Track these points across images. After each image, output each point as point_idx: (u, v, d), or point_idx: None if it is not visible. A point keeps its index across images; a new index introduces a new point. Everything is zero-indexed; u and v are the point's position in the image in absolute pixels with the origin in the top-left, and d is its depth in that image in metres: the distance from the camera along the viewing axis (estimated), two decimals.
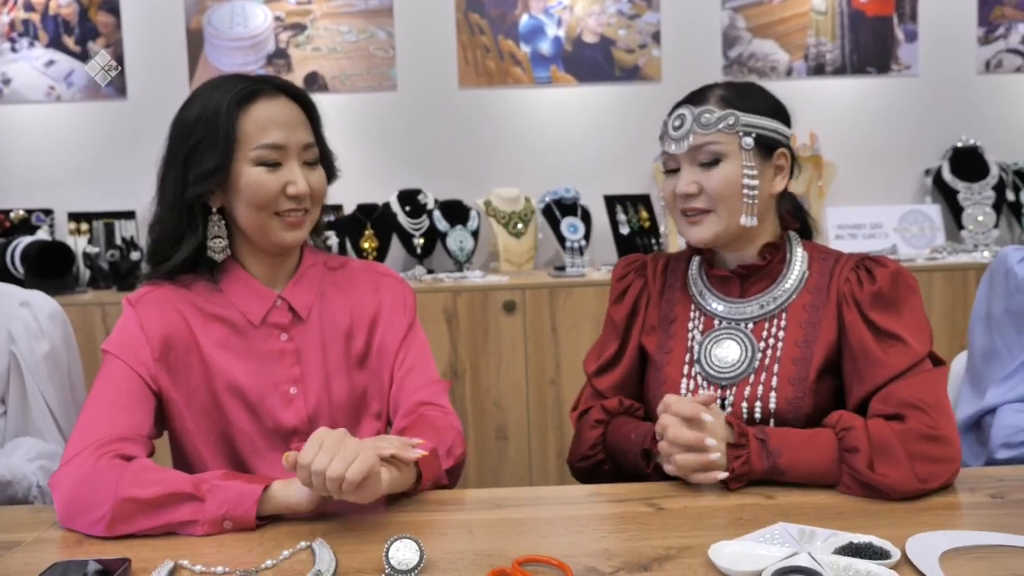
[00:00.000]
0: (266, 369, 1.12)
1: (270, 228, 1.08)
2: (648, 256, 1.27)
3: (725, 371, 1.13)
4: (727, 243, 1.14)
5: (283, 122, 1.07)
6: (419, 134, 2.80)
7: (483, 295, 2.40)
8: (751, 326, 1.14)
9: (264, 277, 1.14)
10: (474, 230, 2.68)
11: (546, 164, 2.81)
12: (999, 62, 2.89)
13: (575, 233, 2.68)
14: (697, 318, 1.18)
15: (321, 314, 1.16)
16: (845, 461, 0.98)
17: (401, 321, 1.18)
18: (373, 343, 1.17)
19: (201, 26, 2.78)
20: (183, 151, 1.07)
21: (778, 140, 1.14)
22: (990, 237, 2.71)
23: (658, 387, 1.17)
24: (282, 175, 1.07)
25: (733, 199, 1.10)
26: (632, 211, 2.73)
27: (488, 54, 2.79)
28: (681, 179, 1.13)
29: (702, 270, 1.20)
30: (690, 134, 1.11)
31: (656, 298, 1.23)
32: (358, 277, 1.20)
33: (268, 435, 1.12)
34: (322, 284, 1.17)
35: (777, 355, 1.11)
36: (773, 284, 1.15)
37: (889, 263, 1.10)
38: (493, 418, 2.41)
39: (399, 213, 2.68)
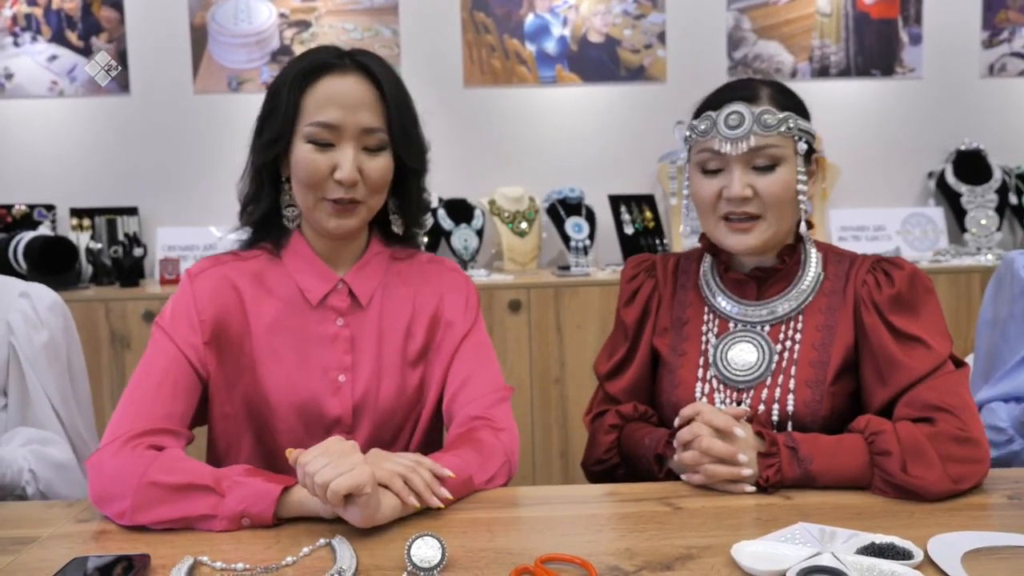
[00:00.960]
0: (317, 353, 1.09)
1: (317, 211, 1.05)
2: (657, 256, 1.25)
3: (741, 374, 1.11)
4: (765, 250, 1.12)
5: (344, 101, 1.02)
6: (424, 132, 2.78)
7: (488, 294, 2.40)
8: (767, 329, 1.12)
9: (327, 257, 1.11)
10: (478, 229, 2.68)
11: (551, 163, 2.81)
12: (1003, 66, 2.90)
13: (580, 232, 2.68)
14: (711, 320, 1.16)
15: (382, 304, 1.12)
16: (877, 464, 0.97)
17: (462, 322, 1.13)
18: (432, 342, 1.13)
19: (205, 22, 2.77)
20: (261, 117, 1.08)
21: (814, 145, 1.12)
22: (993, 240, 2.72)
23: (672, 390, 1.16)
24: (332, 156, 1.03)
25: (786, 205, 1.08)
26: (636, 211, 2.73)
27: (493, 53, 2.78)
28: (735, 182, 1.07)
29: (715, 271, 1.18)
30: (750, 135, 1.05)
31: (668, 299, 1.20)
32: (424, 271, 1.16)
33: (310, 424, 1.09)
34: (387, 274, 1.13)
35: (794, 358, 1.10)
36: (789, 286, 1.14)
37: (905, 265, 1.10)
38: None
39: None
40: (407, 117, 1.09)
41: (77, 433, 1.26)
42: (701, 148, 1.10)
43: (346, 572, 0.79)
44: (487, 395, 1.10)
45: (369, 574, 0.80)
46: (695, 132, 1.11)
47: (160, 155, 2.80)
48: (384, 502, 0.89)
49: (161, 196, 2.81)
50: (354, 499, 0.86)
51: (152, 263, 2.76)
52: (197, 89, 2.78)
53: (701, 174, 1.11)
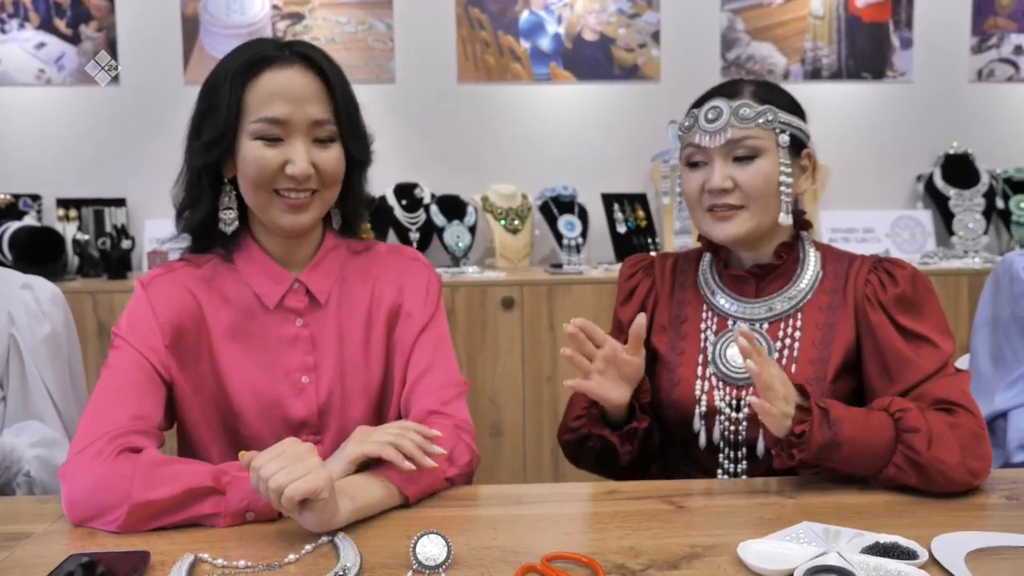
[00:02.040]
0: (278, 356, 1.08)
1: (270, 208, 1.03)
2: (655, 255, 1.26)
3: (741, 371, 1.12)
4: (753, 241, 1.13)
5: (290, 95, 1.00)
6: (417, 128, 2.78)
7: (482, 291, 2.39)
8: (766, 326, 1.13)
9: (281, 258, 1.09)
10: (471, 225, 2.67)
11: (544, 161, 2.81)
12: (991, 71, 2.93)
13: (572, 231, 2.68)
14: (710, 318, 1.16)
15: (340, 300, 1.10)
16: (903, 441, 0.95)
17: (422, 311, 1.12)
18: (393, 335, 1.12)
19: (197, 13, 2.74)
20: (196, 117, 1.04)
21: (804, 140, 1.14)
22: (980, 244, 2.75)
23: (671, 388, 1.16)
24: (282, 152, 1.01)
25: (769, 196, 1.09)
26: (629, 210, 2.74)
27: (488, 49, 2.77)
28: (715, 173, 1.09)
29: (714, 269, 1.19)
30: (727, 127, 1.08)
31: (666, 298, 1.21)
32: (382, 262, 1.14)
33: (275, 427, 1.08)
34: (344, 269, 1.12)
35: (794, 355, 1.10)
36: (788, 284, 1.14)
37: (906, 265, 1.11)
38: (488, 414, 2.40)
39: (395, 207, 2.65)
40: (352, 107, 1.07)
41: (75, 425, 1.25)
42: (686, 143, 1.13)
43: (350, 570, 0.78)
44: (444, 389, 1.08)
45: (374, 572, 0.79)
46: (682, 129, 1.14)
47: (149, 146, 2.76)
48: (341, 507, 0.87)
49: (150, 188, 2.77)
50: (310, 504, 0.83)
51: (140, 256, 2.72)
52: (188, 80, 2.75)
53: (687, 169, 1.14)
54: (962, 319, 2.46)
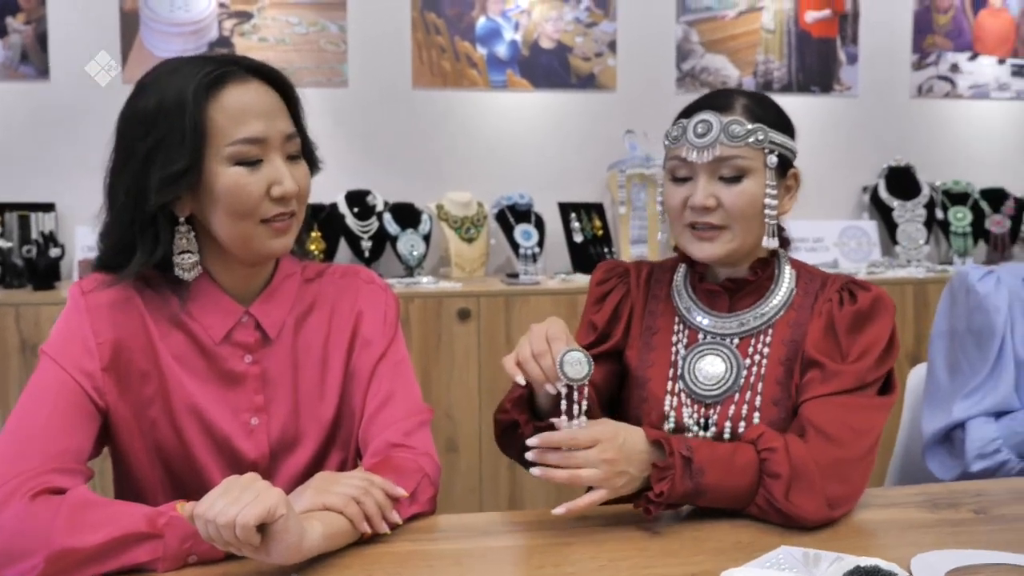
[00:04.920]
0: (226, 394, 1.00)
1: (255, 238, 0.95)
2: (631, 263, 1.23)
3: (710, 388, 1.10)
4: (730, 260, 1.11)
5: (261, 110, 0.93)
6: (370, 133, 2.71)
7: (437, 302, 2.34)
8: (736, 342, 1.11)
9: (234, 290, 1.01)
10: (425, 234, 2.61)
11: (500, 169, 2.77)
12: (930, 87, 3.04)
13: (529, 240, 2.65)
14: (681, 331, 1.14)
15: (295, 333, 1.03)
16: (764, 485, 0.95)
17: (380, 338, 1.05)
18: (350, 365, 1.05)
19: (137, 7, 2.60)
20: (141, 150, 0.92)
21: (791, 159, 1.12)
22: (921, 253, 2.84)
23: (639, 404, 1.13)
24: (265, 174, 0.93)
25: (752, 219, 1.08)
26: (586, 219, 2.72)
27: (444, 54, 2.73)
28: (698, 191, 1.06)
29: (688, 282, 1.17)
30: (716, 144, 1.04)
31: (640, 309, 1.18)
32: (338, 287, 1.07)
33: (225, 467, 1.00)
34: (298, 298, 1.05)
35: (762, 373, 1.08)
36: (761, 300, 1.13)
37: (873, 288, 1.10)
38: (443, 429, 2.34)
39: (347, 215, 2.58)
40: (303, 117, 1.03)
41: None
42: (672, 155, 1.10)
43: None
44: (406, 419, 1.02)
45: None
46: (668, 139, 1.11)
47: (82, 148, 2.61)
48: (310, 529, 0.81)
49: (82, 192, 2.61)
50: (270, 531, 0.77)
51: (70, 265, 2.57)
52: (126, 79, 2.61)
53: (671, 182, 1.11)
54: (907, 327, 2.53)
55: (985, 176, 3.01)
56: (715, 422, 1.07)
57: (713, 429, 1.08)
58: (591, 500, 0.93)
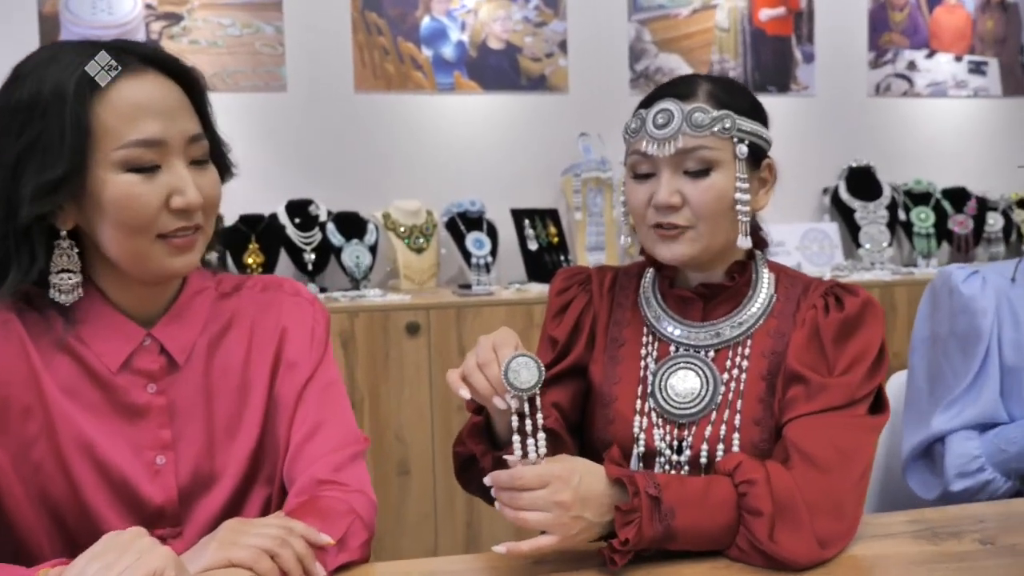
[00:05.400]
0: (126, 429, 0.87)
1: (151, 256, 0.83)
2: (592, 269, 1.11)
3: (683, 406, 0.98)
4: (700, 263, 1.00)
5: (159, 108, 0.81)
6: (311, 140, 2.57)
7: (383, 316, 2.21)
8: (712, 354, 1.00)
9: (134, 310, 0.89)
10: (372, 245, 2.48)
11: (449, 175, 2.66)
12: (888, 86, 2.99)
13: (481, 249, 2.53)
14: (651, 343, 1.03)
15: (208, 357, 0.91)
16: (745, 523, 0.84)
17: (306, 359, 0.94)
18: (273, 392, 0.93)
19: (57, 10, 2.44)
20: (12, 152, 0.80)
21: (764, 148, 1.01)
22: (885, 255, 2.77)
23: (605, 426, 1.02)
24: (163, 182, 0.81)
25: (721, 216, 0.96)
26: (540, 226, 2.62)
27: (387, 56, 2.61)
28: (661, 188, 0.96)
29: (657, 288, 1.05)
30: (678, 135, 0.94)
31: (604, 319, 1.07)
32: (258, 302, 0.95)
33: (126, 514, 0.87)
34: (211, 317, 0.93)
35: (741, 389, 0.98)
36: (738, 308, 1.02)
37: (861, 292, 0.99)
38: (394, 452, 2.20)
39: (287, 225, 2.44)
40: (212, 115, 0.90)
41: None
42: (632, 150, 0.99)
43: None
44: (336, 451, 0.90)
45: None
46: (627, 132, 1.00)
47: None
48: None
49: None
50: None
51: None
52: None
53: (633, 179, 1.00)
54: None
55: (946, 175, 2.97)
56: (690, 444, 0.96)
57: (688, 453, 0.96)
58: (537, 545, 0.81)
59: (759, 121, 1.00)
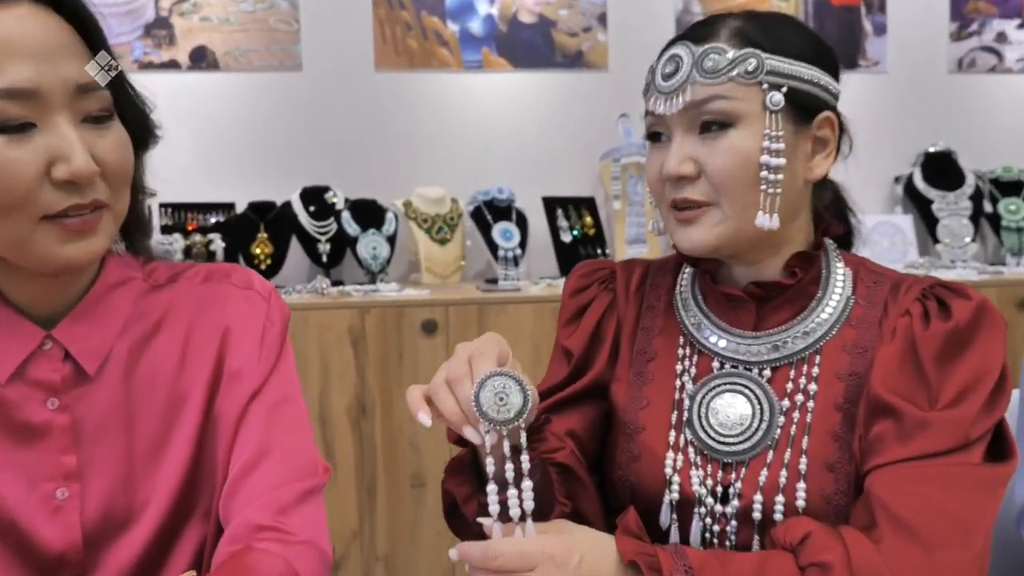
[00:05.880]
0: (17, 455, 0.72)
1: (36, 242, 0.67)
2: (618, 263, 0.91)
3: (730, 440, 0.77)
4: (738, 252, 0.80)
5: (31, 47, 0.65)
6: (328, 123, 2.42)
7: (397, 313, 2.02)
8: (768, 373, 0.79)
9: (31, 305, 0.73)
10: (390, 235, 2.31)
11: (476, 161, 2.47)
12: (972, 61, 2.67)
13: (509, 240, 2.34)
14: (689, 357, 0.83)
15: (129, 365, 0.75)
16: None
17: (253, 368, 0.77)
18: (213, 409, 0.77)
19: None
20: None
21: (821, 98, 0.79)
22: (967, 252, 2.47)
23: (630, 462, 0.81)
24: (40, 145, 0.65)
25: (746, 187, 0.76)
26: (575, 216, 2.42)
27: (410, 32, 2.43)
28: (670, 154, 0.78)
29: (696, 288, 0.85)
30: (687, 84, 0.76)
31: (630, 326, 0.87)
32: (196, 296, 0.79)
33: (16, 565, 0.71)
34: (136, 314, 0.76)
35: (807, 421, 0.76)
36: (802, 313, 0.80)
37: (972, 294, 0.76)
38: (408, 462, 2.02)
39: (301, 214, 2.28)
40: (118, 63, 0.72)
41: None
42: (646, 111, 0.81)
43: None
44: (282, 488, 0.73)
45: None
46: (644, 93, 0.83)
47: None
48: None
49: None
50: None
51: None
52: None
53: (650, 147, 0.82)
54: None
55: None
56: (739, 492, 0.76)
57: (736, 503, 0.76)
58: None
59: (813, 63, 0.78)
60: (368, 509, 2.01)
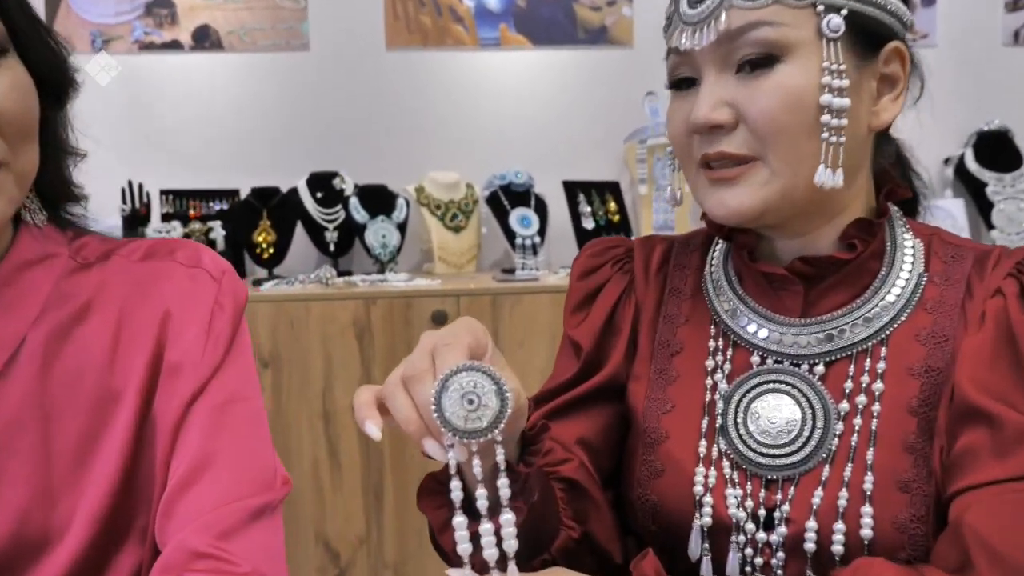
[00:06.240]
0: None
1: None
2: (636, 241, 0.78)
3: (774, 453, 0.65)
4: (785, 221, 0.67)
5: None
6: (336, 105, 2.34)
7: (405, 304, 1.90)
8: (822, 369, 0.66)
9: None
10: (400, 222, 2.20)
11: (493, 143, 2.38)
12: None
13: (527, 227, 2.22)
14: (722, 351, 0.70)
15: (47, 358, 0.64)
16: None
17: (197, 361, 0.66)
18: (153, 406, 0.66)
19: None
20: None
21: (889, 25, 0.67)
22: None
23: (651, 478, 0.68)
24: None
25: (800, 134, 0.62)
26: (598, 201, 2.30)
27: (423, 8, 2.33)
28: (700, 99, 0.64)
29: (730, 267, 0.72)
30: (721, 10, 0.62)
31: (649, 313, 0.74)
32: (132, 276, 0.68)
33: None
34: (57, 297, 0.66)
35: (872, 428, 0.63)
36: (865, 295, 0.67)
37: None
38: (417, 463, 1.90)
39: (308, 201, 2.17)
40: None
41: None
42: (668, 51, 0.69)
43: None
44: (226, 506, 0.61)
45: None
46: (664, 30, 0.69)
47: None
48: None
49: None
50: None
51: None
52: None
53: (672, 95, 0.69)
54: None
55: None
56: (787, 516, 0.63)
57: (783, 530, 0.63)
58: None
59: None
60: (375, 513, 1.89)
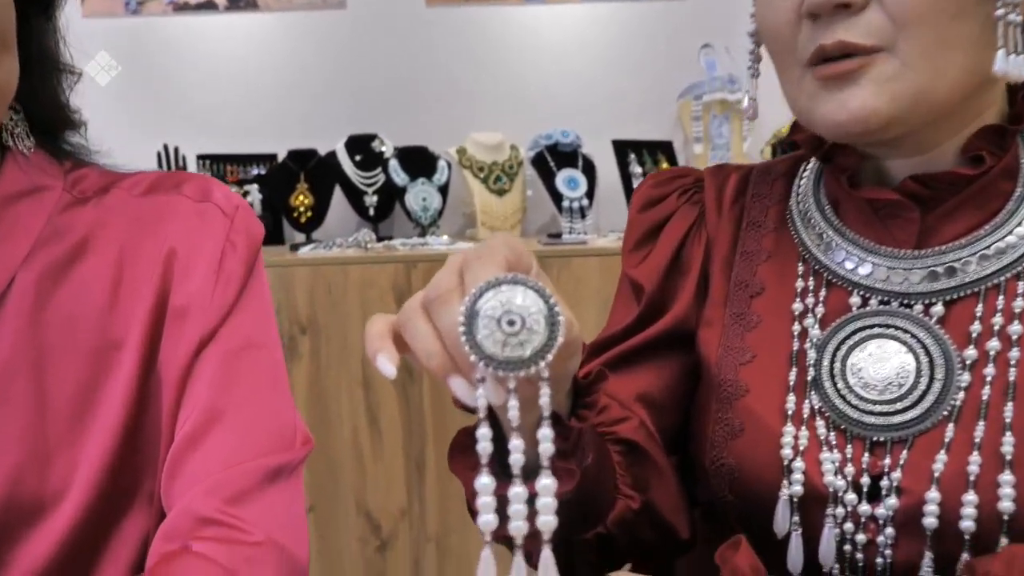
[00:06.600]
0: None
1: None
2: (706, 169, 0.69)
3: (881, 410, 0.55)
4: (910, 131, 0.55)
5: None
6: (375, 65, 2.26)
7: None
8: (941, 310, 0.56)
9: None
10: (442, 185, 2.12)
11: (538, 102, 2.28)
12: None
13: (575, 189, 2.11)
14: (813, 291, 0.61)
15: (39, 300, 0.58)
16: None
17: (206, 304, 0.59)
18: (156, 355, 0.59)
19: None
20: None
21: None
22: None
23: (728, 440, 0.59)
24: None
25: (948, 15, 0.51)
26: (650, 161, 2.18)
27: None
28: None
29: (823, 193, 0.62)
30: None
31: (724, 249, 0.65)
32: (134, 211, 0.61)
33: None
34: (50, 234, 0.59)
35: (1009, 380, 0.53)
36: (995, 220, 0.57)
37: None
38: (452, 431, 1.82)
39: (347, 164, 2.11)
40: None
41: None
42: None
43: None
44: (237, 466, 0.55)
45: None
46: None
47: None
48: None
49: None
50: None
51: None
52: (85, 12, 2.26)
53: None
54: None
55: None
56: (897, 485, 0.54)
57: (893, 502, 0.54)
58: None
59: None
60: (417, 484, 1.82)
